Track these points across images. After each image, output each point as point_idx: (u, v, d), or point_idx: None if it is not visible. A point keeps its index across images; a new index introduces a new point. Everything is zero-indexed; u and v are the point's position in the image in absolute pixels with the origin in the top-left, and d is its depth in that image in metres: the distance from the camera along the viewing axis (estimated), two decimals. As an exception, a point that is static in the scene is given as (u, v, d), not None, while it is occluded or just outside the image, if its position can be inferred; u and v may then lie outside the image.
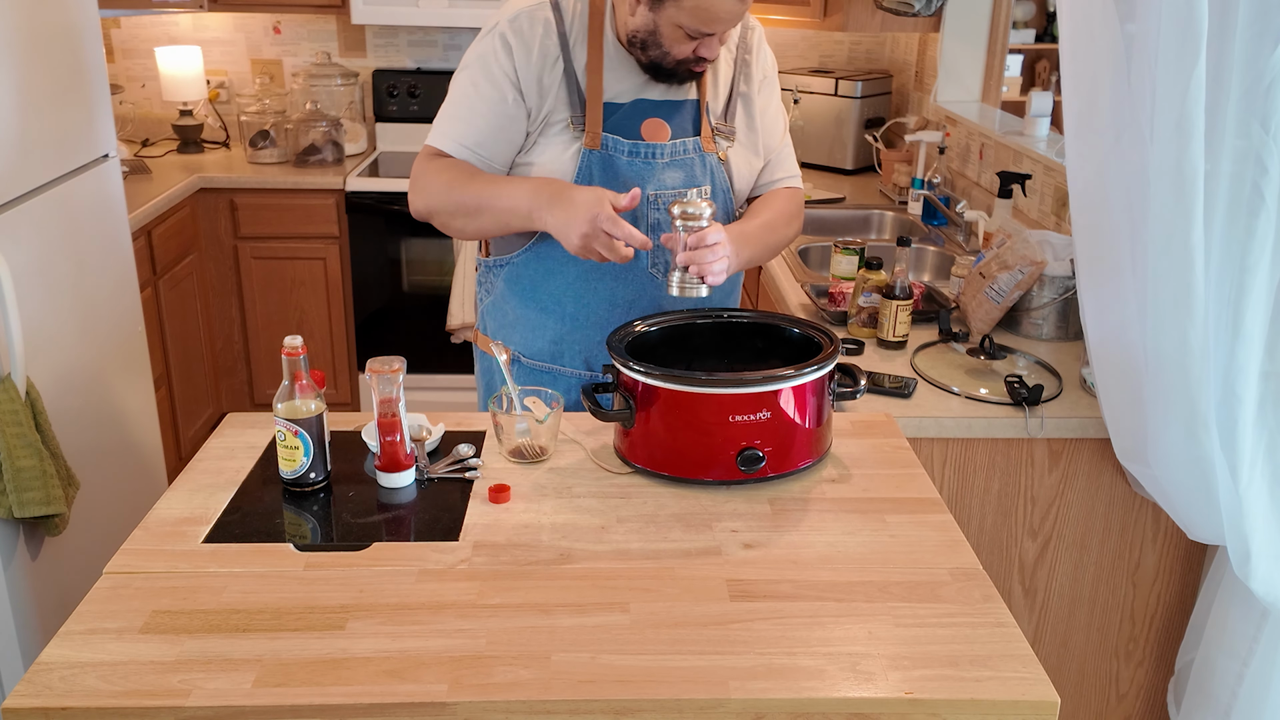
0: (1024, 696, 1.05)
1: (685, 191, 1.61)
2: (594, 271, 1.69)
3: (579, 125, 1.63)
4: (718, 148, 1.69)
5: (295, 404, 1.36)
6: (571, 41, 1.64)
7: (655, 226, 1.66)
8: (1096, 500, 1.84)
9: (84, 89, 2.37)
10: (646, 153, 1.64)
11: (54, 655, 1.08)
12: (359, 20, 3.55)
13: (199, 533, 1.31)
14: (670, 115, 1.67)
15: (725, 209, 1.72)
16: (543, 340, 1.75)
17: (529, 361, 1.78)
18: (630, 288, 1.70)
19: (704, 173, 1.68)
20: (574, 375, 1.76)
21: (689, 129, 1.68)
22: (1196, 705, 1.76)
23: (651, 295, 1.71)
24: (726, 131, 1.71)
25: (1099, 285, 1.68)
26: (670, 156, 1.66)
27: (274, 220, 3.51)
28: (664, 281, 1.67)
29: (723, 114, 1.71)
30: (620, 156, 1.64)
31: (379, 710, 1.02)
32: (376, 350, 3.66)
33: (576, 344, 1.74)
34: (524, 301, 1.75)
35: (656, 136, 1.66)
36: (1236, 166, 1.42)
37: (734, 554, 1.27)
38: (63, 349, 2.24)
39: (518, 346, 1.78)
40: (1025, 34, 4.75)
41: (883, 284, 2.02)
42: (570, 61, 1.64)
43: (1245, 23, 1.37)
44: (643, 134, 1.65)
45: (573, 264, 1.68)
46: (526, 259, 1.72)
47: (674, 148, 1.66)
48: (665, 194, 1.66)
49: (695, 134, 1.68)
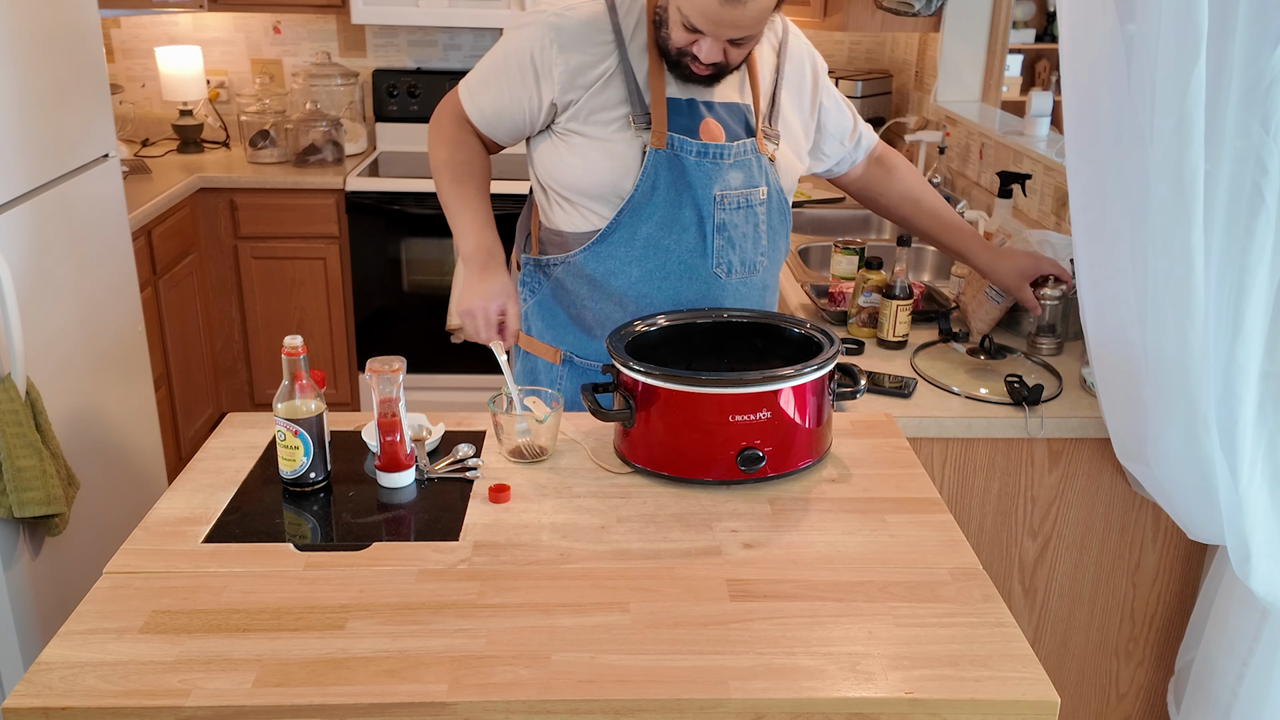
0: (1024, 696, 1.05)
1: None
2: (659, 271, 1.67)
3: (641, 123, 1.62)
4: (768, 150, 1.70)
5: (295, 404, 1.36)
6: (628, 38, 1.63)
7: (720, 227, 1.66)
8: (1096, 500, 1.84)
9: (84, 89, 2.37)
10: (715, 153, 1.64)
11: (54, 655, 1.08)
12: (359, 20, 3.55)
13: (199, 533, 1.31)
14: (722, 116, 1.67)
15: (780, 208, 1.74)
16: (599, 340, 1.74)
17: (583, 362, 1.76)
18: (694, 287, 1.69)
19: (760, 173, 1.69)
20: None
21: (741, 131, 1.68)
22: (1196, 705, 1.76)
23: (714, 294, 1.71)
24: (773, 135, 1.72)
25: (1099, 285, 1.68)
26: (734, 157, 1.65)
27: (274, 220, 3.51)
28: (724, 281, 1.70)
29: (768, 117, 1.72)
30: (688, 157, 1.62)
31: (379, 710, 1.02)
32: (376, 350, 3.66)
33: None
34: (581, 301, 1.73)
35: (713, 137, 1.65)
36: (1236, 166, 1.42)
37: (734, 554, 1.27)
38: (63, 349, 2.24)
39: (570, 347, 1.76)
40: (1025, 34, 4.75)
41: (883, 284, 2.02)
42: (627, 59, 1.62)
43: (1245, 23, 1.37)
44: (700, 134, 1.65)
45: (637, 263, 1.67)
46: (585, 258, 1.69)
47: (738, 149, 1.65)
48: (730, 194, 1.65)
49: (749, 135, 1.68)
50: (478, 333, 1.62)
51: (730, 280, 1.70)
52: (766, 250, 1.73)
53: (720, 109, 1.67)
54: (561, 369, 1.78)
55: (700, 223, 1.65)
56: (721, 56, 1.56)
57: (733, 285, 1.71)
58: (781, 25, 1.76)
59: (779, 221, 1.75)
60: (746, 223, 1.69)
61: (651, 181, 1.62)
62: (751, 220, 1.69)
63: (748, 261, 1.71)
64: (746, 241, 1.70)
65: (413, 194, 3.48)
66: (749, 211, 1.68)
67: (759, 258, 1.72)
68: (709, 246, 1.67)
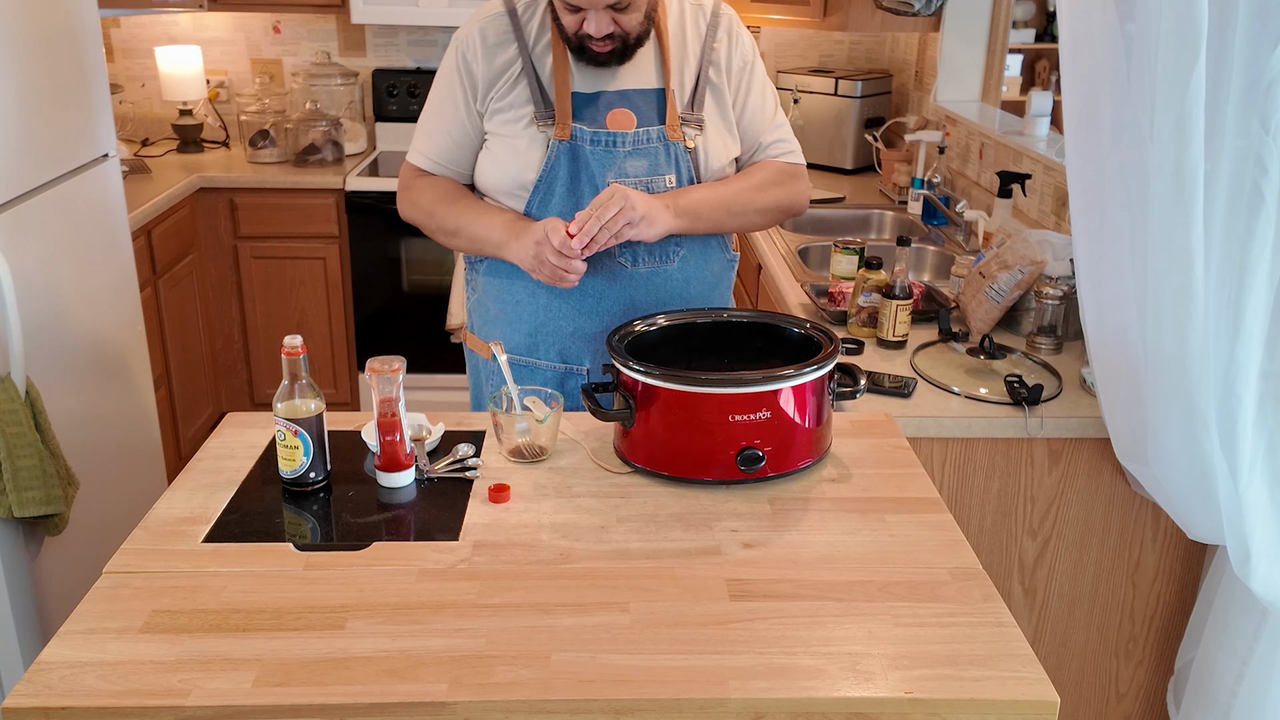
0: (1024, 696, 1.05)
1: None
2: None
3: (545, 120, 1.66)
4: (685, 136, 1.70)
5: (295, 404, 1.36)
6: (531, 41, 1.68)
7: None
8: (1096, 500, 1.84)
9: (84, 89, 2.37)
10: (608, 141, 1.66)
11: (54, 655, 1.08)
12: (359, 20, 3.55)
13: (199, 532, 1.31)
14: (637, 104, 1.69)
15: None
16: (519, 334, 1.78)
17: (514, 357, 1.79)
18: (600, 278, 1.72)
19: (669, 161, 1.69)
20: (550, 369, 1.78)
21: (656, 117, 1.69)
22: (1196, 705, 1.76)
23: (622, 286, 1.72)
24: (694, 120, 1.71)
25: (1099, 285, 1.68)
26: (633, 145, 1.67)
27: (274, 220, 3.51)
28: (631, 271, 1.71)
29: (689, 103, 1.71)
30: (584, 145, 1.66)
31: (379, 710, 1.02)
32: (376, 350, 3.66)
33: (551, 336, 1.76)
34: (501, 296, 1.78)
35: (622, 126, 1.68)
36: (1236, 166, 1.42)
37: (734, 554, 1.27)
38: (63, 349, 2.24)
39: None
40: (1025, 34, 4.75)
41: (883, 284, 2.02)
42: (530, 61, 1.67)
43: (1245, 23, 1.37)
44: (608, 124, 1.67)
45: None
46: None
47: (636, 136, 1.67)
48: (627, 182, 1.67)
49: (661, 122, 1.69)
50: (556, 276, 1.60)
51: (639, 270, 1.72)
52: (683, 240, 1.73)
53: (635, 96, 1.69)
54: (493, 365, 1.81)
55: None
56: (613, 25, 1.60)
57: (642, 275, 1.73)
58: (711, 6, 1.76)
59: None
60: None
61: (553, 172, 1.67)
62: None
63: (656, 252, 1.72)
64: None
65: (413, 194, 3.47)
66: None
67: (672, 248, 1.73)
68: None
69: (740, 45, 1.76)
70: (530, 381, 1.76)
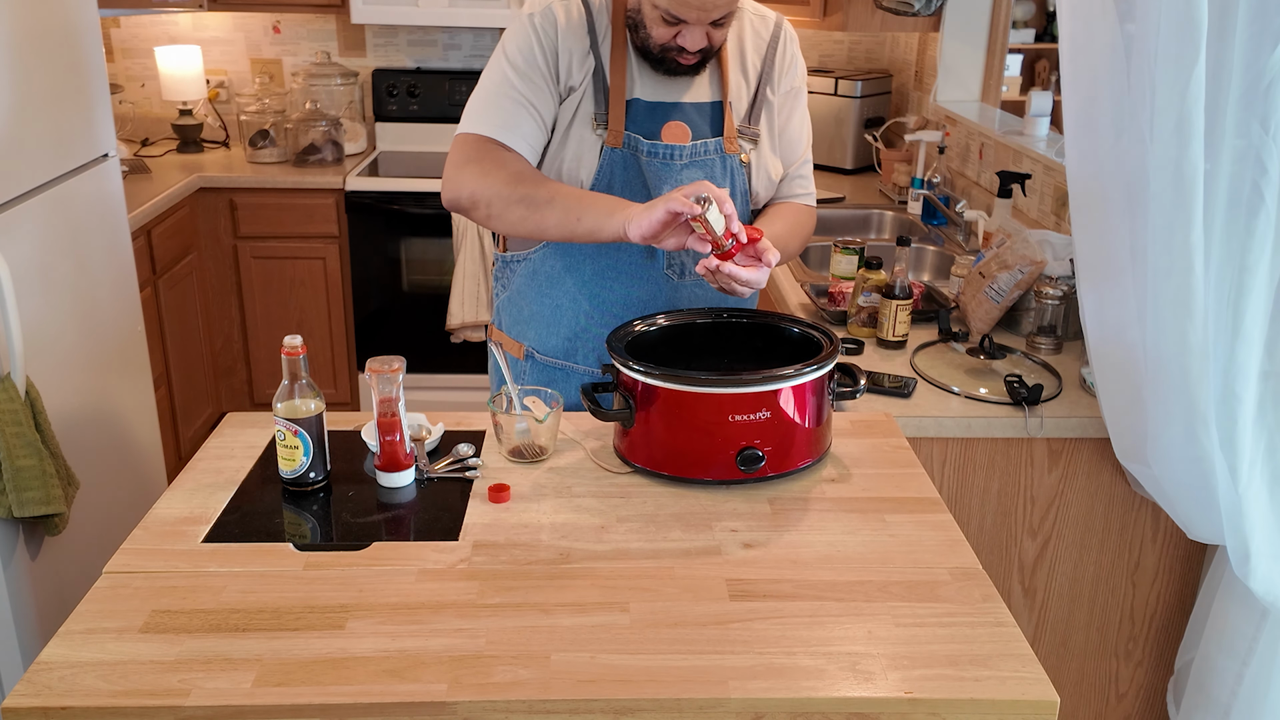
0: (1024, 696, 1.05)
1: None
2: (610, 270, 1.68)
3: (603, 122, 1.62)
4: (740, 150, 1.68)
5: (295, 404, 1.36)
6: (600, 37, 1.63)
7: None
8: (1096, 500, 1.84)
9: (84, 89, 2.37)
10: (665, 154, 1.63)
11: (54, 655, 1.08)
12: (359, 20, 3.55)
13: (199, 532, 1.31)
14: (692, 118, 1.66)
15: (743, 213, 1.71)
16: (557, 338, 1.75)
17: (543, 358, 1.77)
18: (645, 287, 1.69)
19: (724, 175, 1.67)
20: (587, 374, 1.76)
21: (710, 130, 1.66)
22: (1196, 705, 1.76)
23: (667, 295, 1.70)
24: (750, 134, 1.69)
25: (1099, 285, 1.68)
26: (690, 158, 1.64)
27: (274, 220, 3.51)
28: (677, 283, 1.68)
29: (747, 116, 1.69)
30: (640, 156, 1.63)
31: (379, 710, 1.02)
32: (376, 350, 3.66)
33: (590, 342, 1.74)
34: (540, 297, 1.74)
35: (677, 139, 1.64)
36: (1236, 166, 1.42)
37: (734, 554, 1.27)
38: (63, 349, 2.24)
39: (532, 343, 1.78)
40: (1025, 34, 4.75)
41: (882, 284, 2.02)
42: (599, 57, 1.62)
43: (1245, 23, 1.37)
44: (663, 136, 1.64)
45: (589, 261, 1.68)
46: (545, 255, 1.71)
47: (694, 149, 1.64)
48: None
49: (717, 135, 1.67)
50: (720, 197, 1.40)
51: (684, 282, 1.70)
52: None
53: (691, 110, 1.66)
54: (524, 364, 1.80)
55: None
56: (706, 40, 1.56)
57: (688, 288, 1.70)
58: (775, 21, 1.73)
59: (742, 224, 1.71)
60: None
61: (607, 180, 1.63)
62: None
63: None
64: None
65: (412, 194, 3.48)
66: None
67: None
68: (659, 250, 1.66)
69: (797, 67, 1.74)
70: (566, 385, 1.75)
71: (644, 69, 1.63)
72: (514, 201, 1.56)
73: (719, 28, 1.56)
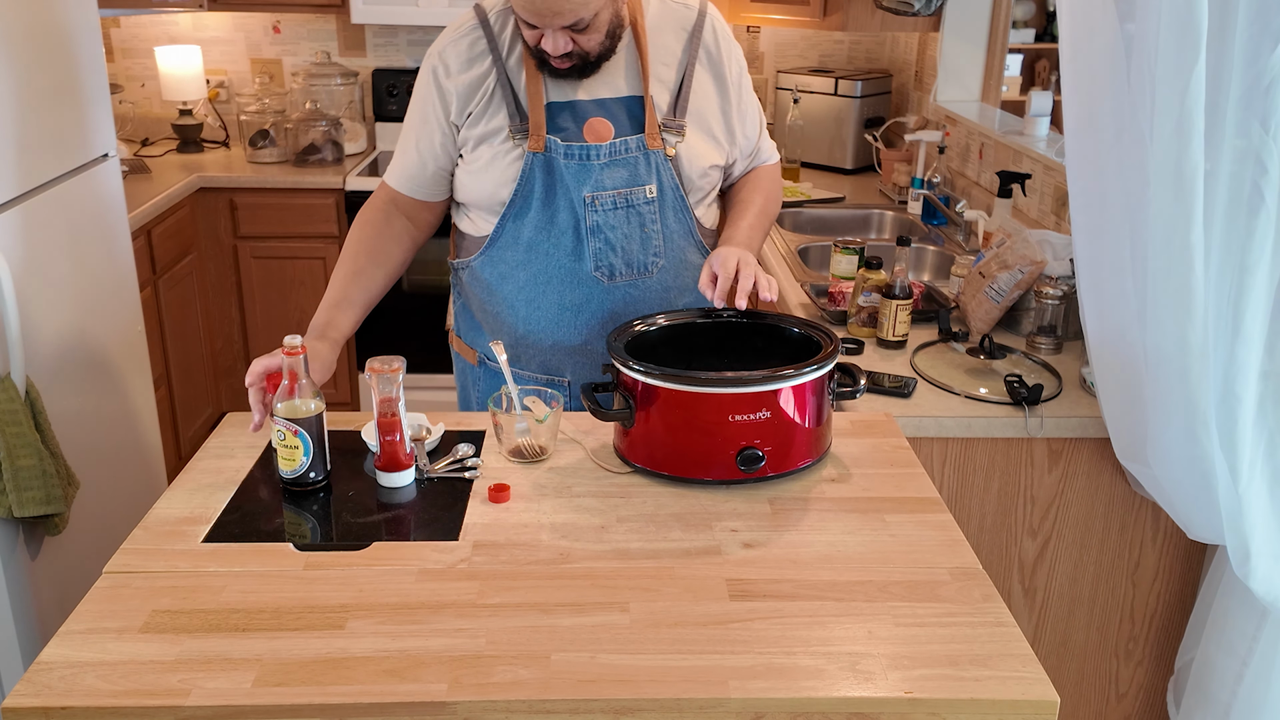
0: (1024, 696, 1.05)
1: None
2: (541, 275, 1.68)
3: (520, 133, 1.63)
4: (665, 144, 1.66)
5: (295, 404, 1.36)
6: (504, 52, 1.64)
7: (595, 229, 1.65)
8: (1096, 500, 1.84)
9: (83, 88, 2.37)
10: (582, 154, 1.62)
11: (54, 655, 1.08)
12: (359, 20, 3.55)
13: (199, 532, 1.31)
14: (614, 113, 1.65)
15: (675, 206, 1.70)
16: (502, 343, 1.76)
17: (492, 364, 1.78)
18: (578, 291, 1.69)
19: (649, 171, 1.65)
20: (532, 379, 1.75)
21: (632, 126, 1.66)
22: (1196, 705, 1.76)
23: (599, 299, 1.69)
24: (674, 127, 1.67)
25: (1099, 285, 1.68)
26: (609, 156, 1.63)
27: (274, 220, 3.51)
28: (609, 285, 1.68)
29: (671, 109, 1.67)
30: (558, 158, 1.62)
31: (379, 710, 1.02)
32: (376, 350, 3.66)
33: (531, 349, 1.74)
34: (483, 305, 1.76)
35: (600, 136, 1.64)
36: (1236, 166, 1.42)
37: (734, 554, 1.27)
38: (63, 349, 2.24)
39: (482, 350, 1.79)
40: (1025, 34, 4.75)
41: (882, 283, 2.02)
42: (505, 73, 1.63)
43: (1245, 23, 1.37)
44: (585, 135, 1.64)
45: (522, 268, 1.68)
46: (482, 262, 1.72)
47: (613, 147, 1.63)
48: (603, 195, 1.64)
49: (639, 131, 1.66)
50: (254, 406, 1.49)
51: (616, 283, 1.68)
52: (661, 251, 1.69)
53: (612, 105, 1.65)
54: (479, 371, 1.80)
55: (575, 226, 1.64)
56: (571, 45, 1.55)
57: (620, 289, 1.69)
58: (698, 9, 1.71)
59: (676, 220, 1.70)
60: (628, 223, 1.66)
61: (529, 186, 1.63)
62: (635, 220, 1.66)
63: (635, 264, 1.68)
64: (631, 243, 1.67)
65: (412, 194, 3.47)
66: (630, 211, 1.65)
67: (650, 259, 1.69)
68: (585, 249, 1.65)
69: (733, 47, 1.73)
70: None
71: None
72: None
73: (581, 33, 1.54)
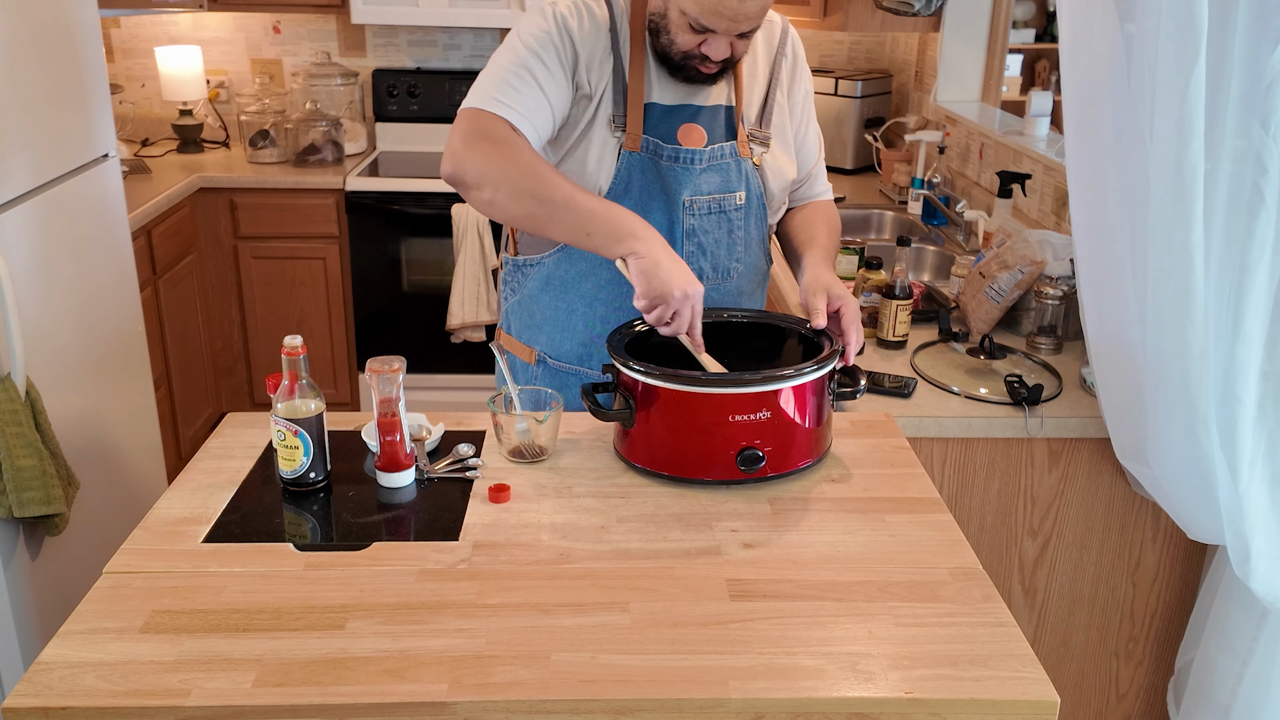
0: (1024, 696, 1.05)
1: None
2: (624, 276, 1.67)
3: (620, 125, 1.61)
4: (752, 154, 1.68)
5: (295, 404, 1.36)
6: (620, 39, 1.61)
7: (690, 232, 1.65)
8: (1096, 500, 1.84)
9: (83, 89, 2.37)
10: (685, 158, 1.62)
11: (54, 655, 1.08)
12: (359, 20, 3.55)
13: (199, 532, 1.31)
14: (707, 121, 1.65)
15: (758, 214, 1.71)
16: (571, 342, 1.74)
17: (555, 363, 1.76)
18: None
19: (739, 178, 1.67)
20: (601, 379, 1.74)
21: (723, 134, 1.66)
22: (1196, 705, 1.76)
23: None
24: (761, 138, 1.69)
25: (1099, 285, 1.68)
26: (708, 162, 1.64)
27: (274, 220, 3.51)
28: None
29: (758, 120, 1.70)
30: (660, 160, 1.62)
31: (379, 710, 1.02)
32: (376, 350, 3.66)
33: (605, 349, 1.73)
34: (554, 302, 1.73)
35: (693, 143, 1.64)
36: (1236, 166, 1.42)
37: (734, 554, 1.27)
38: (63, 349, 2.24)
39: (544, 348, 1.77)
40: (1025, 34, 4.75)
41: (883, 284, 2.02)
42: (620, 58, 1.61)
43: (1245, 23, 1.37)
44: (679, 139, 1.64)
45: (605, 266, 1.66)
46: (559, 259, 1.70)
47: (711, 153, 1.64)
48: (700, 199, 1.64)
49: (730, 139, 1.66)
50: (683, 324, 1.44)
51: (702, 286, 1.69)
52: (742, 256, 1.71)
53: (706, 113, 1.66)
54: (536, 369, 1.79)
55: (670, 227, 1.64)
56: (729, 51, 1.55)
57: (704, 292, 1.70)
58: (781, 25, 1.74)
59: (757, 227, 1.73)
60: (719, 228, 1.67)
61: (625, 184, 1.62)
62: (725, 225, 1.67)
63: (721, 268, 1.69)
64: (720, 248, 1.68)
65: (412, 194, 3.48)
66: (722, 217, 1.67)
67: (733, 264, 1.71)
68: (678, 251, 1.65)
69: (805, 72, 1.76)
70: (578, 391, 1.74)
71: (661, 73, 1.63)
72: (525, 194, 1.49)
73: (744, 39, 1.55)
